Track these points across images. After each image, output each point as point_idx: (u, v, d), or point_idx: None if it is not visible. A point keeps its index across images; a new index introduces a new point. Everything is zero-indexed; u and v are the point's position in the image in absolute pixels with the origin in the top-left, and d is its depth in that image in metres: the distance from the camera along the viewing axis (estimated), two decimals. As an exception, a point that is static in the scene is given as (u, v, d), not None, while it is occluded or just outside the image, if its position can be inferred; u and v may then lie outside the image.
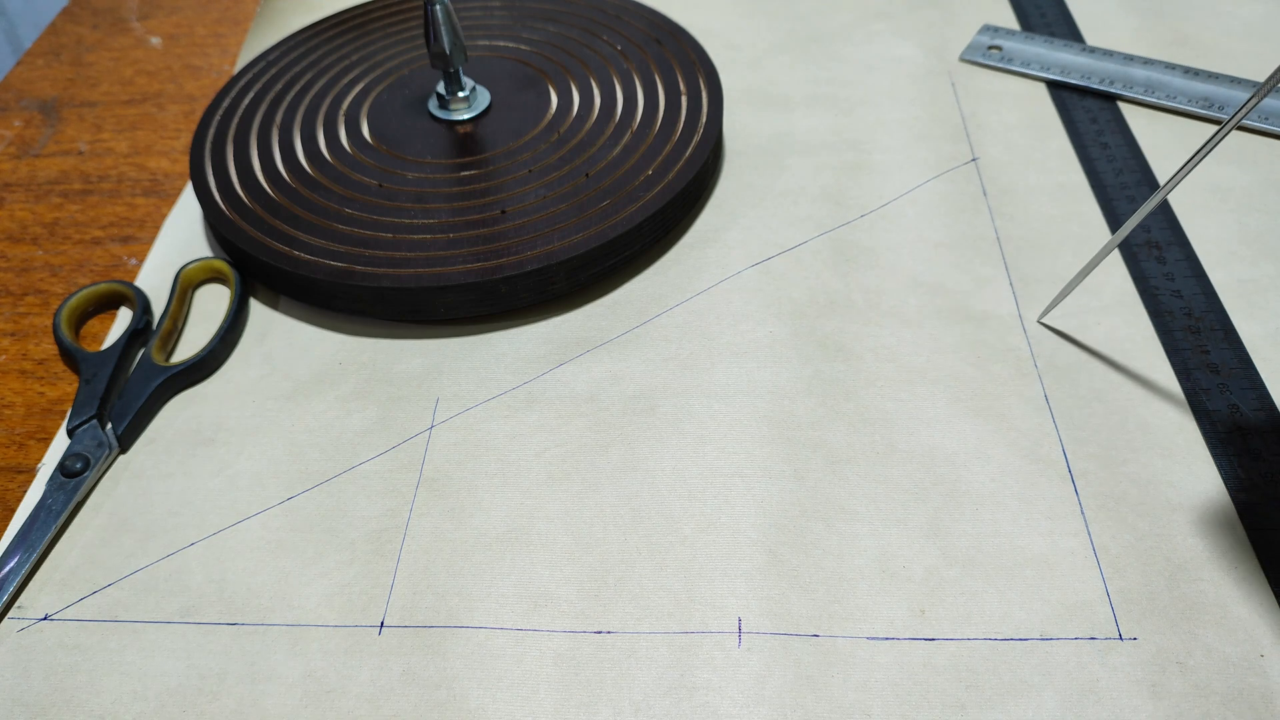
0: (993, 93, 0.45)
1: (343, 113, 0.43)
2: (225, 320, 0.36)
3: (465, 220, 0.37)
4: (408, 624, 0.28)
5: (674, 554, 0.29)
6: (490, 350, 0.36)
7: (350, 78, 0.45)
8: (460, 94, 0.42)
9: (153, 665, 0.28)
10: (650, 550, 0.29)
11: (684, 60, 0.44)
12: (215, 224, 0.38)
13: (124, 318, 0.38)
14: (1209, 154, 0.27)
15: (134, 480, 0.32)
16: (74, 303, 0.37)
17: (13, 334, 0.38)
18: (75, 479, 0.32)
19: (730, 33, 0.50)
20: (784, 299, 0.36)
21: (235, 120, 0.43)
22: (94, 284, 0.38)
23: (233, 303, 0.37)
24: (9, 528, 0.31)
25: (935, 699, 0.26)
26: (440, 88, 0.42)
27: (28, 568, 0.30)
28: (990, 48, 0.47)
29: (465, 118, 0.42)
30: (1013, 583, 0.28)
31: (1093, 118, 0.43)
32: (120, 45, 0.53)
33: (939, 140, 0.43)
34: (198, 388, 0.35)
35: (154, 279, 0.39)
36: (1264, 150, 0.41)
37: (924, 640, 0.27)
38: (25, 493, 0.32)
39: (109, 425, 0.33)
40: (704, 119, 0.41)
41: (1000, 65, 0.46)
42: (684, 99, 0.42)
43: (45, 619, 0.29)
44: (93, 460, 0.32)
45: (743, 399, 0.33)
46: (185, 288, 0.38)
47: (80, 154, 0.46)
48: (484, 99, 0.43)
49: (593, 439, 0.32)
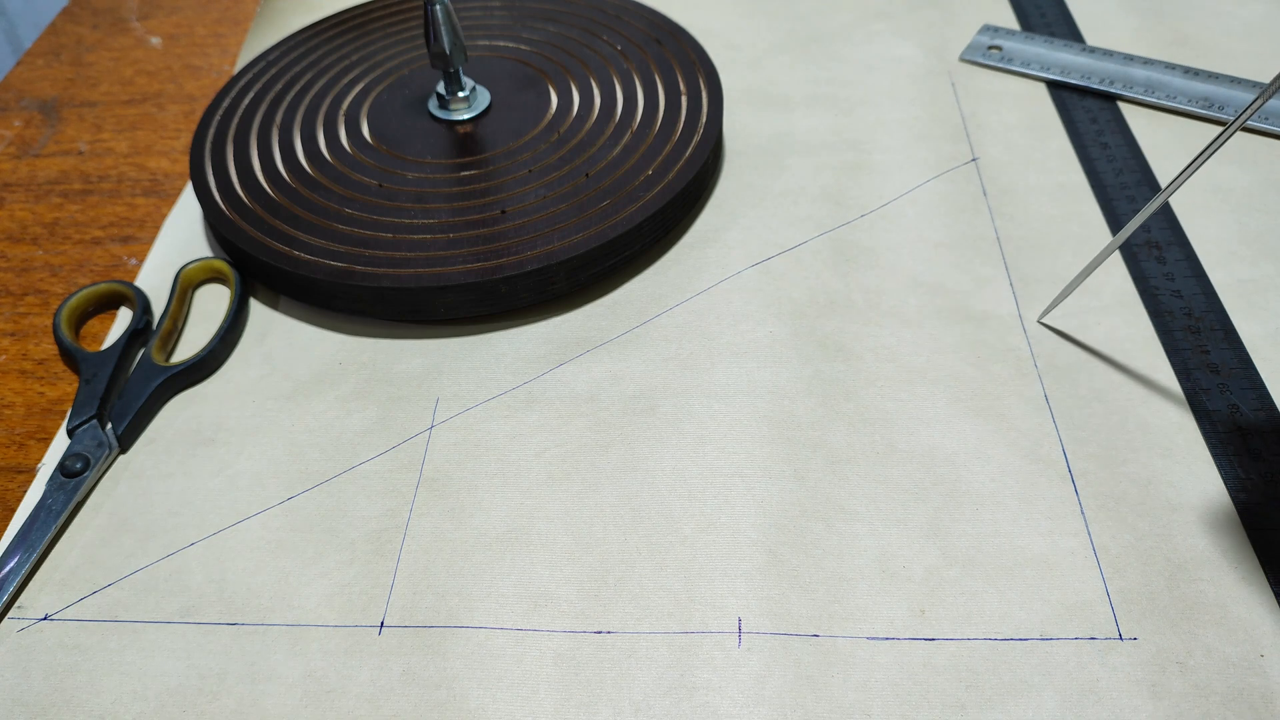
0: (993, 93, 0.45)
1: (343, 113, 0.43)
2: (225, 320, 0.36)
3: (465, 220, 0.37)
4: (408, 624, 0.28)
5: (674, 554, 0.29)
6: (490, 350, 0.36)
7: (350, 78, 0.45)
8: (460, 94, 0.42)
9: (153, 665, 0.28)
10: (650, 550, 0.29)
11: (684, 60, 0.44)
12: (215, 224, 0.38)
13: (124, 318, 0.38)
14: (1211, 156, 0.27)
15: (134, 480, 0.32)
16: (74, 303, 0.37)
17: (13, 334, 0.38)
18: (75, 479, 0.32)
19: (730, 33, 0.50)
20: (784, 299, 0.36)
21: (235, 120, 0.43)
22: (94, 284, 0.38)
23: (233, 303, 0.37)
24: (9, 528, 0.31)
25: (935, 699, 0.26)
26: (440, 88, 0.42)
27: (28, 568, 0.30)
28: (990, 48, 0.47)
29: (465, 118, 0.42)
30: (1013, 583, 0.28)
31: (1093, 118, 0.43)
32: (120, 45, 0.53)
33: (939, 140, 0.43)
34: (198, 388, 0.35)
35: (154, 279, 0.39)
36: (1264, 150, 0.41)
37: (924, 640, 0.27)
38: (25, 493, 0.32)
39: (109, 425, 0.33)
40: (704, 119, 0.41)
41: (1000, 65, 0.46)
42: (684, 99, 0.42)
43: (45, 619, 0.29)
44: (93, 460, 0.32)
45: (743, 399, 0.33)
46: (185, 288, 0.38)
47: (80, 154, 0.46)
48: (484, 99, 0.43)
49: (593, 439, 0.32)
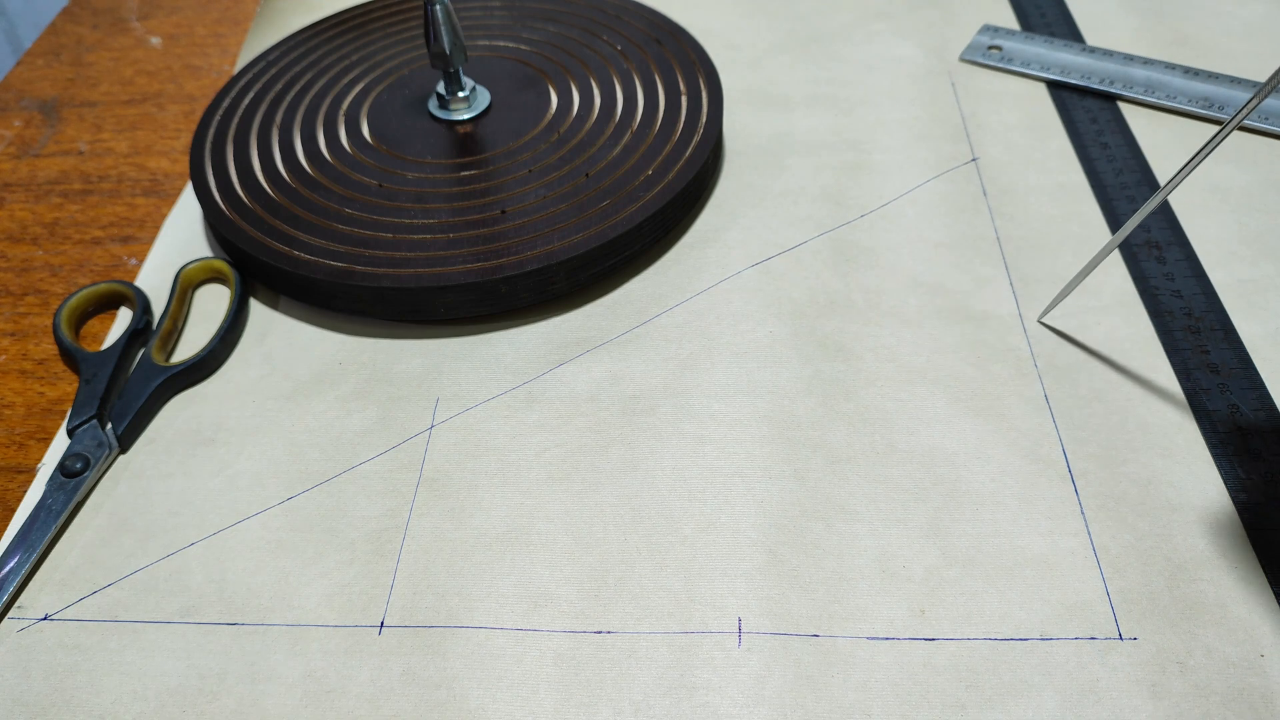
0: (993, 93, 0.45)
1: (343, 113, 0.43)
2: (225, 320, 0.36)
3: (465, 220, 0.37)
4: (408, 624, 0.28)
5: (674, 554, 0.29)
6: (490, 350, 0.36)
7: (350, 78, 0.45)
8: (460, 94, 0.42)
9: (153, 665, 0.28)
10: (650, 550, 0.29)
11: (684, 60, 0.44)
12: (215, 224, 0.38)
13: (124, 318, 0.38)
14: (1210, 154, 0.27)
15: (134, 480, 0.32)
16: (74, 303, 0.37)
17: (13, 334, 0.38)
18: (75, 479, 0.32)
19: (730, 33, 0.50)
20: (784, 299, 0.36)
21: (235, 120, 0.43)
22: (94, 284, 0.38)
23: (233, 303, 0.37)
24: (9, 528, 0.31)
25: (935, 699, 0.26)
26: (440, 88, 0.42)
27: (28, 568, 0.30)
28: (990, 48, 0.47)
29: (465, 118, 0.42)
30: (1013, 583, 0.28)
31: (1093, 118, 0.43)
32: (120, 45, 0.53)
33: (939, 140, 0.43)
34: (198, 388, 0.35)
35: (154, 279, 0.39)
36: (1264, 150, 0.41)
37: (924, 640, 0.27)
38: (25, 493, 0.32)
39: (109, 425, 0.33)
40: (704, 119, 0.41)
41: (1000, 65, 0.46)
42: (684, 99, 0.42)
43: (45, 619, 0.29)
44: (93, 460, 0.32)
45: (743, 399, 0.33)
46: (185, 288, 0.38)
47: (80, 154, 0.46)
48: (484, 99, 0.43)
49: (593, 439, 0.32)
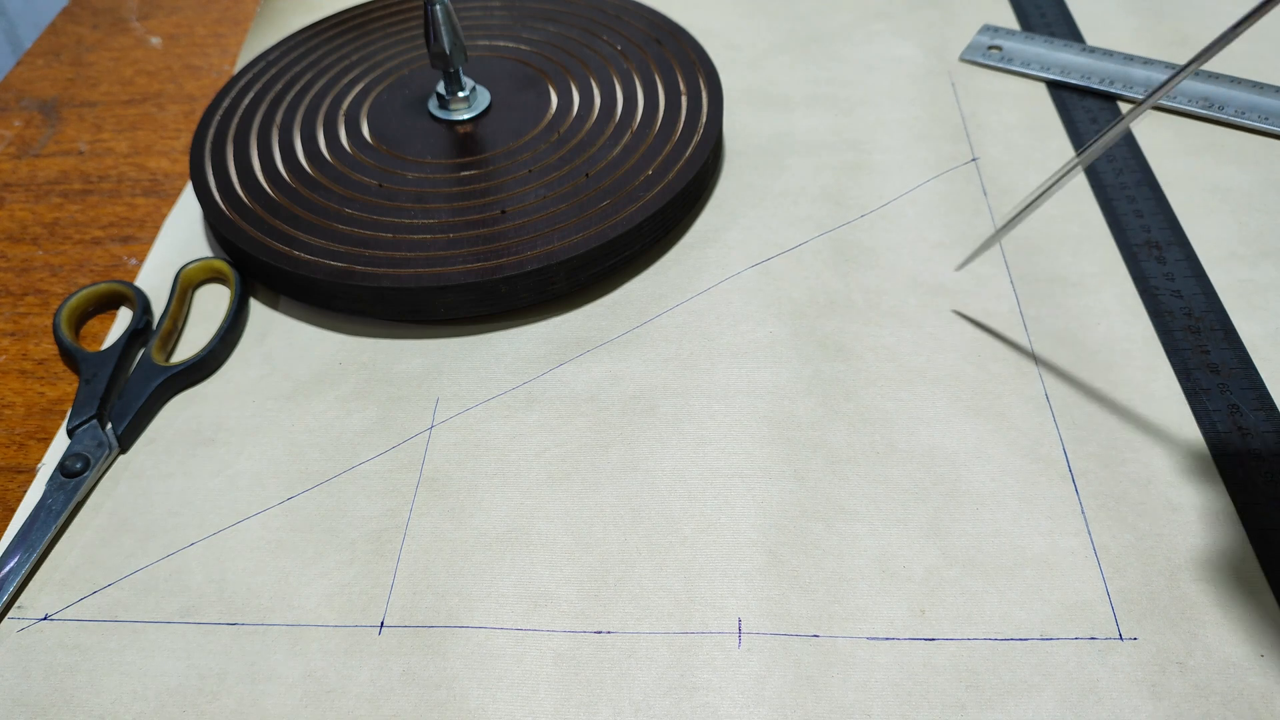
0: (993, 93, 0.45)
1: (343, 113, 0.43)
2: (225, 320, 0.36)
3: (465, 220, 0.37)
4: (408, 624, 0.28)
5: (674, 554, 0.29)
6: (490, 350, 0.36)
7: (350, 78, 0.45)
8: (460, 94, 0.42)
9: (153, 665, 0.28)
10: (650, 550, 0.29)
11: (684, 60, 0.44)
12: (215, 224, 0.38)
13: (124, 318, 0.38)
14: (1135, 119, 0.26)
15: (134, 480, 0.32)
16: (74, 303, 0.37)
17: (13, 334, 0.38)
18: (75, 479, 0.32)
19: (730, 33, 0.50)
20: (784, 299, 0.36)
21: (235, 120, 0.43)
22: (94, 284, 0.38)
23: (233, 303, 0.37)
24: (9, 528, 0.31)
25: (935, 699, 0.26)
26: (440, 88, 0.42)
27: (28, 568, 0.30)
28: (990, 48, 0.47)
29: (465, 118, 0.42)
30: (1013, 583, 0.28)
31: (1093, 118, 0.43)
32: (120, 45, 0.53)
33: (939, 140, 0.43)
34: (198, 388, 0.35)
35: (154, 279, 0.39)
36: (1264, 150, 0.41)
37: (924, 640, 0.27)
38: (25, 493, 0.32)
39: (109, 425, 0.33)
40: (704, 119, 0.41)
41: (1000, 65, 0.46)
42: (684, 99, 0.42)
43: (45, 619, 0.29)
44: (93, 460, 0.32)
45: (743, 399, 0.33)
46: (185, 288, 0.38)
47: (80, 154, 0.46)
48: (484, 99, 0.43)
49: (593, 439, 0.32)
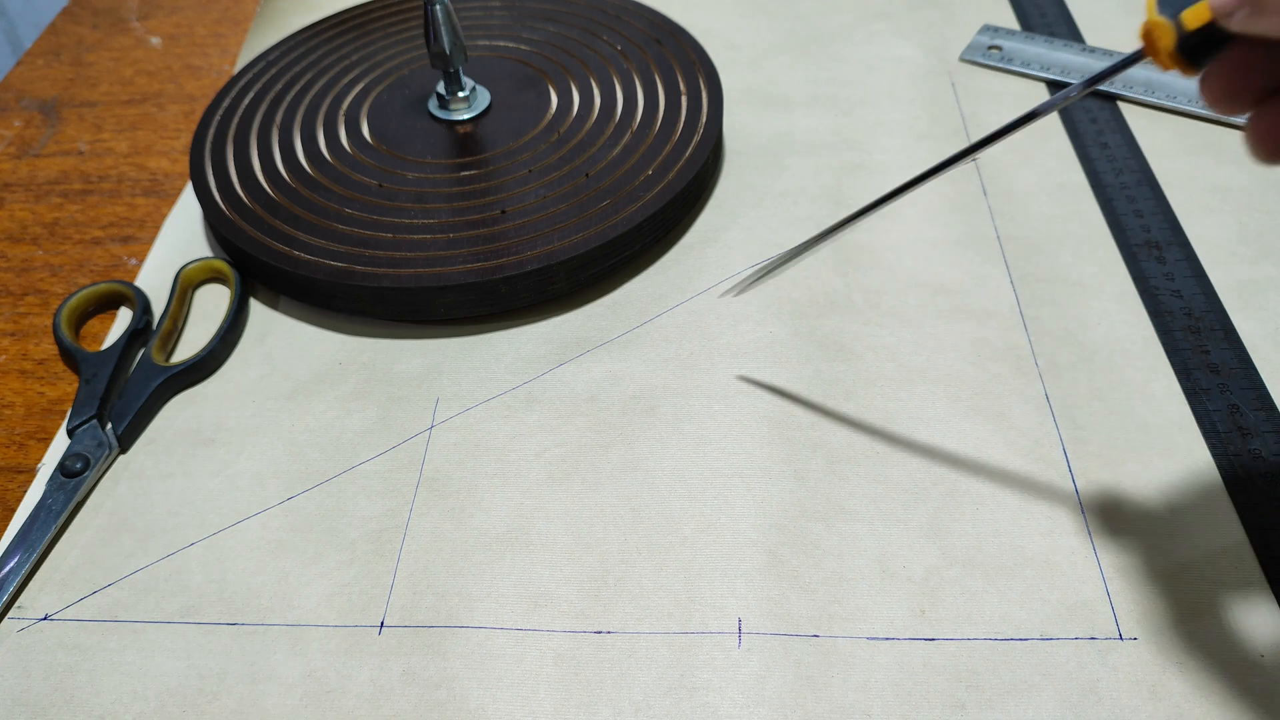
0: (993, 93, 0.45)
1: (343, 113, 0.43)
2: (225, 320, 0.36)
3: (465, 220, 0.37)
4: (408, 624, 0.28)
5: (674, 554, 0.29)
6: (490, 350, 0.36)
7: (350, 78, 0.45)
8: (460, 94, 0.42)
9: (153, 665, 0.28)
10: (650, 550, 0.29)
11: (684, 60, 0.44)
12: (215, 224, 0.38)
13: (124, 318, 0.38)
14: (1024, 128, 0.24)
15: (134, 480, 0.32)
16: (74, 303, 0.37)
17: (13, 334, 0.38)
18: (75, 479, 0.32)
19: (730, 33, 0.50)
20: (784, 299, 0.36)
21: (235, 120, 0.43)
22: (94, 284, 0.38)
23: (233, 303, 0.37)
24: (9, 528, 0.31)
25: (935, 699, 0.26)
26: (440, 88, 0.42)
27: (28, 568, 0.30)
28: (990, 48, 0.47)
29: (465, 118, 0.42)
30: (1013, 583, 0.28)
31: (1093, 118, 0.43)
32: (120, 45, 0.53)
33: (939, 140, 0.43)
34: (198, 388, 0.35)
35: (154, 279, 0.39)
36: (1264, 150, 0.41)
37: (924, 640, 0.27)
38: (25, 493, 0.32)
39: (109, 425, 0.33)
40: (704, 119, 0.41)
41: (1000, 65, 0.46)
42: (684, 99, 0.42)
43: (45, 619, 0.29)
44: (93, 460, 0.32)
45: (743, 399, 0.33)
46: (185, 288, 0.38)
47: (80, 154, 0.46)
48: (484, 99, 0.43)
49: (593, 439, 0.32)
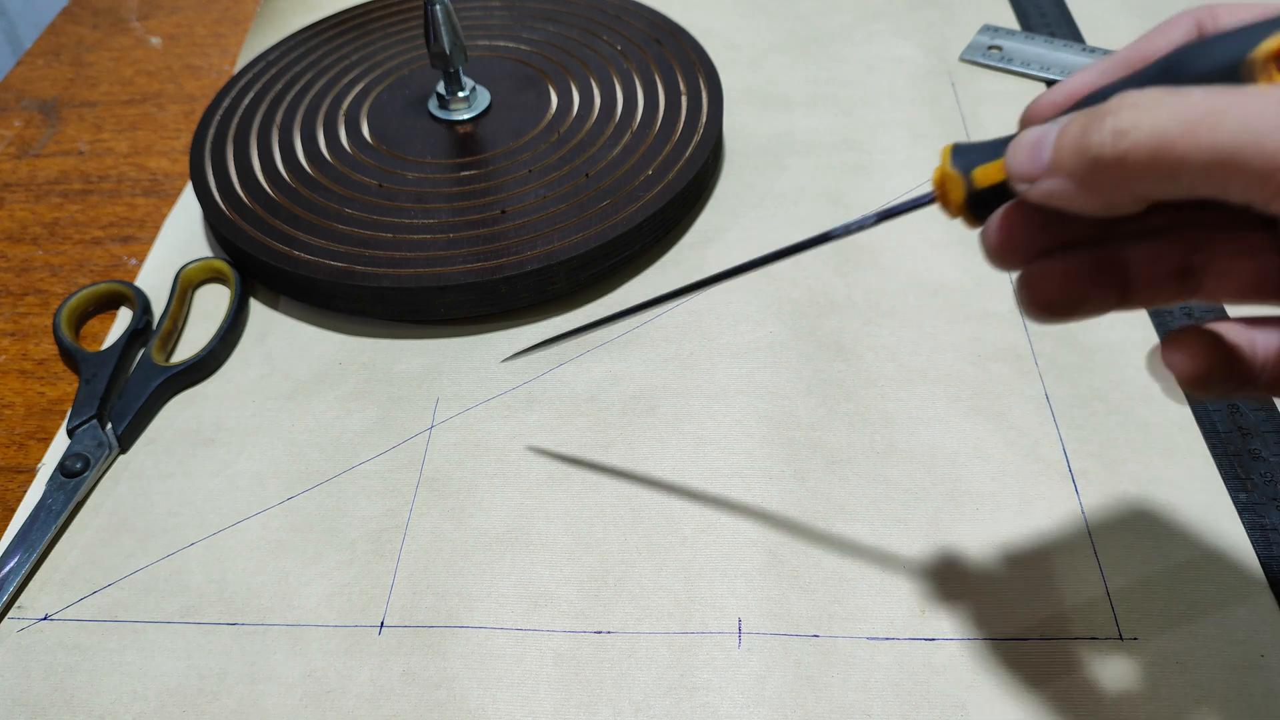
0: (993, 93, 0.45)
1: (343, 113, 0.43)
2: (225, 320, 0.36)
3: (465, 220, 0.37)
4: (408, 624, 0.28)
5: (674, 554, 0.29)
6: (490, 350, 0.36)
7: (350, 78, 0.45)
8: (460, 94, 0.42)
9: (153, 665, 0.28)
10: (650, 550, 0.29)
11: (684, 60, 0.44)
12: (215, 224, 0.38)
13: (124, 318, 0.38)
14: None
15: (134, 480, 0.32)
16: (74, 303, 0.37)
17: (13, 334, 0.38)
18: (75, 479, 0.32)
19: (730, 33, 0.50)
20: (784, 299, 0.36)
21: (235, 120, 0.43)
22: (94, 284, 0.38)
23: (232, 303, 0.37)
24: (9, 528, 0.31)
25: (935, 699, 0.26)
26: (440, 88, 0.42)
27: (28, 568, 0.30)
28: (990, 48, 0.47)
29: (465, 118, 0.42)
30: (1013, 583, 0.28)
31: (1093, 118, 0.43)
32: (120, 45, 0.53)
33: (939, 140, 0.43)
34: (198, 388, 0.35)
35: (154, 279, 0.39)
36: (1264, 150, 0.41)
37: (924, 640, 0.27)
38: (25, 493, 0.32)
39: (109, 425, 0.33)
40: (704, 119, 0.41)
41: (1000, 65, 0.46)
42: (684, 99, 0.42)
43: (45, 619, 0.29)
44: (93, 460, 0.32)
45: (743, 399, 0.33)
46: (185, 288, 0.38)
47: (80, 154, 0.46)
48: (484, 99, 0.43)
49: (593, 439, 0.32)
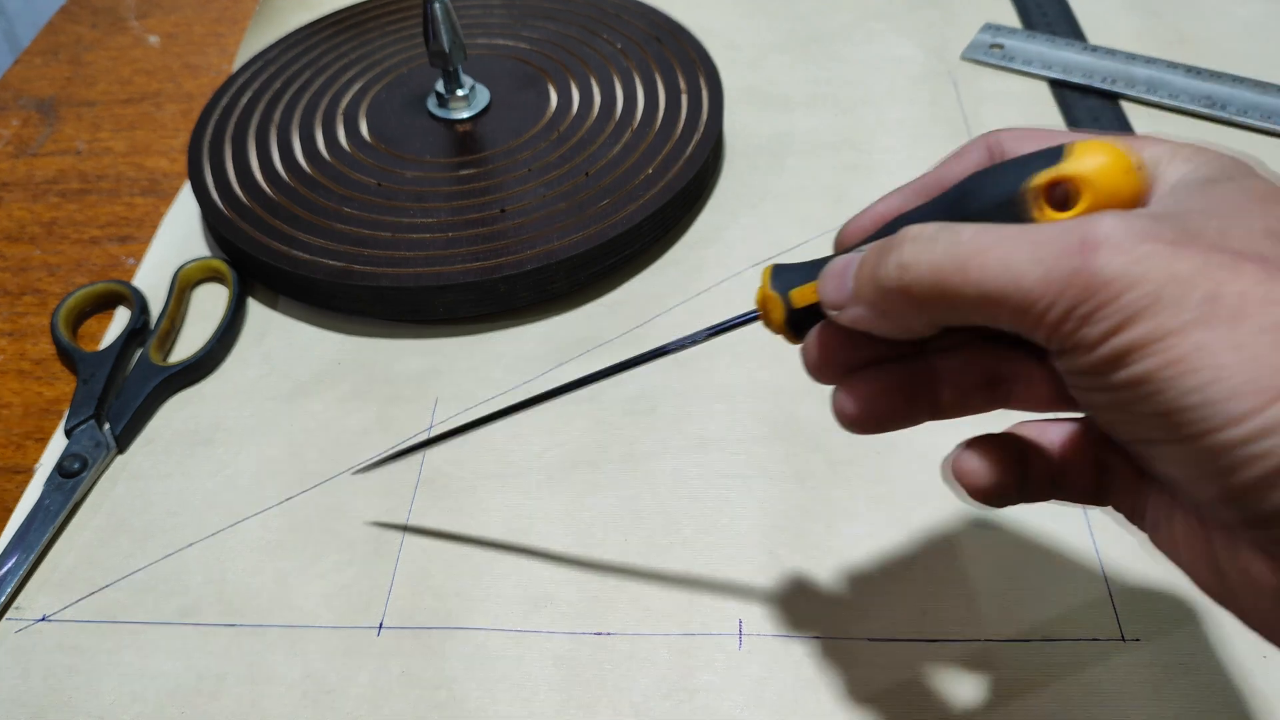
0: (994, 92, 0.45)
1: (341, 112, 0.43)
2: (223, 320, 0.36)
3: (465, 219, 0.37)
4: (407, 625, 0.28)
5: (674, 555, 0.29)
6: (490, 350, 0.35)
7: (349, 76, 0.44)
8: (459, 92, 0.42)
9: (151, 666, 0.28)
10: (650, 551, 0.29)
11: (684, 59, 0.44)
12: (213, 223, 0.38)
13: (122, 317, 0.38)
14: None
15: (132, 480, 0.32)
16: (72, 302, 0.37)
17: (10, 334, 0.38)
18: (73, 479, 0.32)
19: (730, 32, 0.50)
20: (784, 299, 0.36)
21: (233, 119, 0.43)
22: (92, 284, 0.38)
23: (231, 302, 0.37)
24: (7, 528, 0.31)
25: (935, 699, 0.26)
26: (439, 86, 0.42)
27: (26, 568, 0.30)
28: (992, 46, 0.47)
29: (464, 116, 0.42)
30: (1014, 583, 0.28)
31: (1095, 117, 0.43)
32: (118, 44, 0.53)
33: (940, 140, 0.43)
34: (196, 388, 0.35)
35: (152, 278, 0.39)
36: (1266, 149, 0.41)
37: (924, 640, 0.27)
38: (23, 493, 0.32)
39: (107, 425, 0.33)
40: (704, 118, 0.41)
41: (1002, 64, 0.46)
42: (684, 98, 0.42)
43: (43, 620, 0.29)
44: (90, 460, 0.32)
45: (743, 399, 0.33)
46: (183, 287, 0.38)
47: (78, 153, 0.46)
48: (483, 97, 0.42)
49: (593, 439, 0.32)
